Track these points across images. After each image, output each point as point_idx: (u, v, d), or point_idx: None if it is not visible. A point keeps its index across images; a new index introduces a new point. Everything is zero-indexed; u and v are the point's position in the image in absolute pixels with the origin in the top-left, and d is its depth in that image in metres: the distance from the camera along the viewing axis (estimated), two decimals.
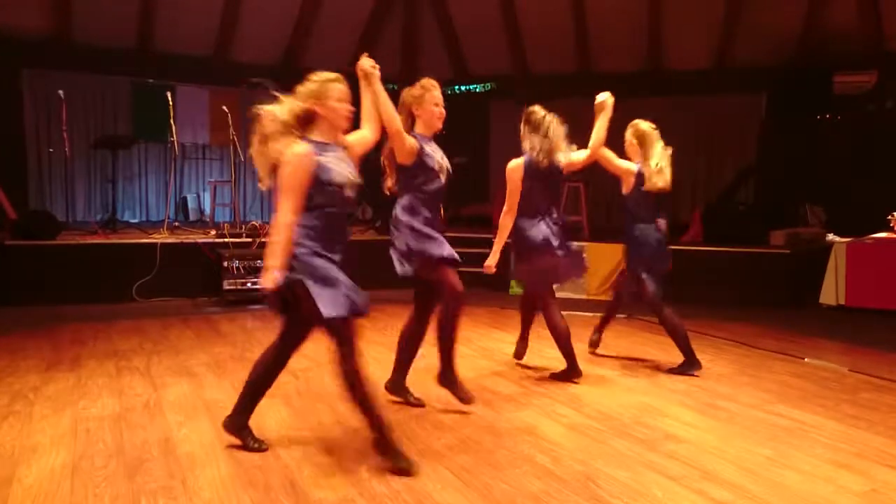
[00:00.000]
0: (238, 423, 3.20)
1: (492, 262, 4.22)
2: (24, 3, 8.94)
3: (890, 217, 7.07)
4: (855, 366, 4.84)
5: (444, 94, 3.76)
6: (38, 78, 9.41)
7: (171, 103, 8.32)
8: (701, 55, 10.31)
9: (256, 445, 3.16)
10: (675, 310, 4.61)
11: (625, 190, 4.63)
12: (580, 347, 4.96)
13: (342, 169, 2.99)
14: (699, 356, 5.07)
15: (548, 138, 4.11)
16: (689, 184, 10.89)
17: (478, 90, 11.25)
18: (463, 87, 11.28)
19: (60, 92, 7.89)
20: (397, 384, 3.93)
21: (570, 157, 4.23)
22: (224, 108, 8.58)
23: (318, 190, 2.91)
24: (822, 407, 3.91)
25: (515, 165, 4.17)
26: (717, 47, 10.17)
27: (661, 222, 4.63)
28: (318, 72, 3.04)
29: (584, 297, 7.76)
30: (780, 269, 7.38)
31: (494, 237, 4.28)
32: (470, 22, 10.99)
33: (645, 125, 4.61)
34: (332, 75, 3.03)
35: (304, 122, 2.96)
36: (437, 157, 3.68)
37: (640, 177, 4.52)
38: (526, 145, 4.18)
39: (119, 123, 9.98)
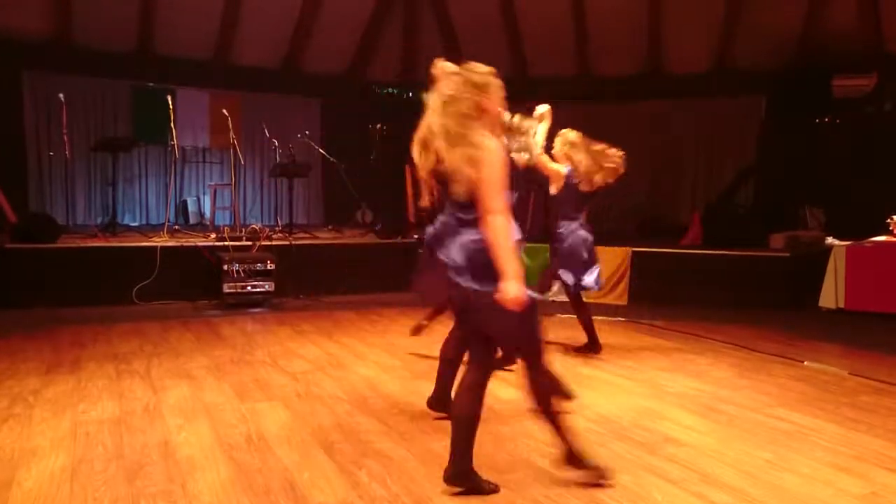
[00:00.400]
0: (463, 471, 2.79)
1: None
2: (25, 6, 8.96)
3: (889, 220, 7.07)
4: (854, 369, 4.84)
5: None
6: (39, 80, 9.43)
7: (171, 106, 8.34)
8: (700, 57, 10.32)
9: (491, 486, 2.80)
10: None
11: (554, 191, 4.96)
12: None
13: None
14: (699, 359, 5.10)
15: (525, 137, 4.23)
16: (688, 186, 10.91)
17: None
18: None
19: (61, 95, 7.92)
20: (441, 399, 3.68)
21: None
22: (224, 111, 8.59)
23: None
24: (821, 410, 3.91)
25: None
26: (716, 49, 10.18)
27: (583, 216, 5.06)
28: (474, 63, 2.83)
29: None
30: (779, 272, 7.39)
31: None
32: (470, 25, 11.00)
33: (572, 135, 4.88)
34: (491, 69, 2.80)
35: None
36: None
37: (569, 178, 4.82)
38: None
39: (119, 126, 9.99)
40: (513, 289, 2.52)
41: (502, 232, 2.55)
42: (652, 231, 9.78)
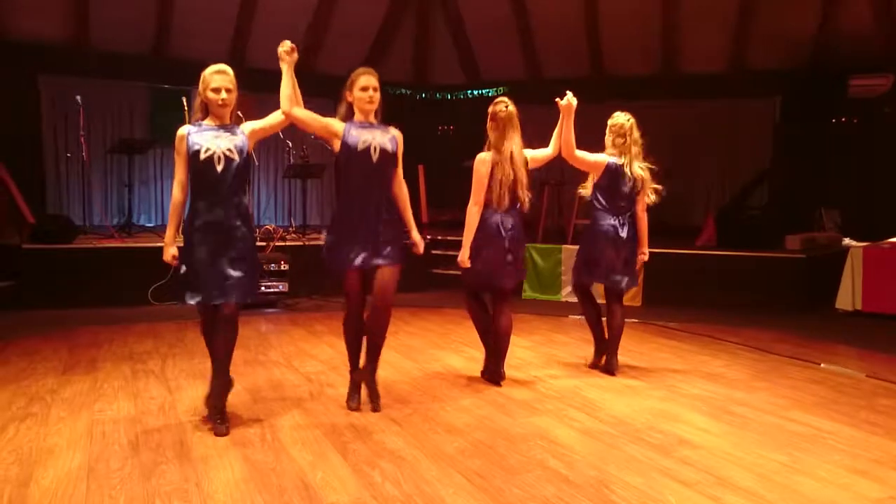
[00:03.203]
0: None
1: (464, 256, 4.24)
2: (43, 10, 9.06)
3: None
4: (872, 371, 4.79)
5: (456, 98, 3.84)
6: (56, 83, 9.51)
7: (186, 108, 8.39)
8: (715, 58, 10.26)
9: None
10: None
11: None
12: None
13: None
14: (714, 361, 5.06)
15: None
16: (702, 187, 10.84)
17: (490, 94, 11.26)
18: (475, 92, 11.30)
19: (78, 97, 7.99)
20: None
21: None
22: (239, 113, 8.61)
23: None
24: (838, 413, 3.87)
25: (482, 159, 4.20)
26: (731, 50, 10.12)
27: None
28: None
29: None
30: (795, 274, 7.32)
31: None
32: (482, 26, 11.01)
33: None
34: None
35: None
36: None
37: None
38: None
39: (135, 128, 10.09)
40: None
41: None
42: (665, 232, 9.73)
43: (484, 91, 11.24)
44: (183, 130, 3.53)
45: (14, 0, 8.76)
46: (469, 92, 11.38)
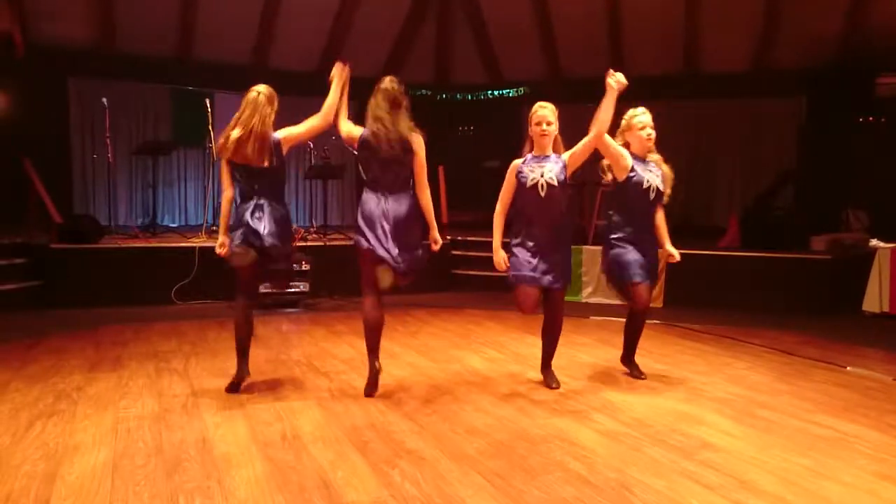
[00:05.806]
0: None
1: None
2: (71, 15, 9.23)
3: None
4: None
5: (477, 98, 3.84)
6: (83, 86, 9.70)
7: (209, 110, 8.49)
8: (739, 57, 10.14)
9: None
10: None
11: None
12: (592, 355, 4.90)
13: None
14: (737, 363, 5.00)
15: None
16: (726, 188, 10.72)
17: (511, 95, 11.25)
18: (496, 92, 11.29)
19: (104, 100, 8.13)
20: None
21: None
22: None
23: None
24: (864, 417, 3.81)
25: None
26: (755, 49, 9.99)
27: None
28: None
29: (613, 301, 7.65)
30: (821, 275, 7.21)
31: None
32: (503, 26, 11.00)
33: None
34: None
35: None
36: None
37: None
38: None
39: (160, 129, 10.23)
40: None
41: None
42: (688, 233, 9.64)
43: (505, 91, 11.22)
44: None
45: (44, 5, 8.94)
46: (490, 92, 11.38)
